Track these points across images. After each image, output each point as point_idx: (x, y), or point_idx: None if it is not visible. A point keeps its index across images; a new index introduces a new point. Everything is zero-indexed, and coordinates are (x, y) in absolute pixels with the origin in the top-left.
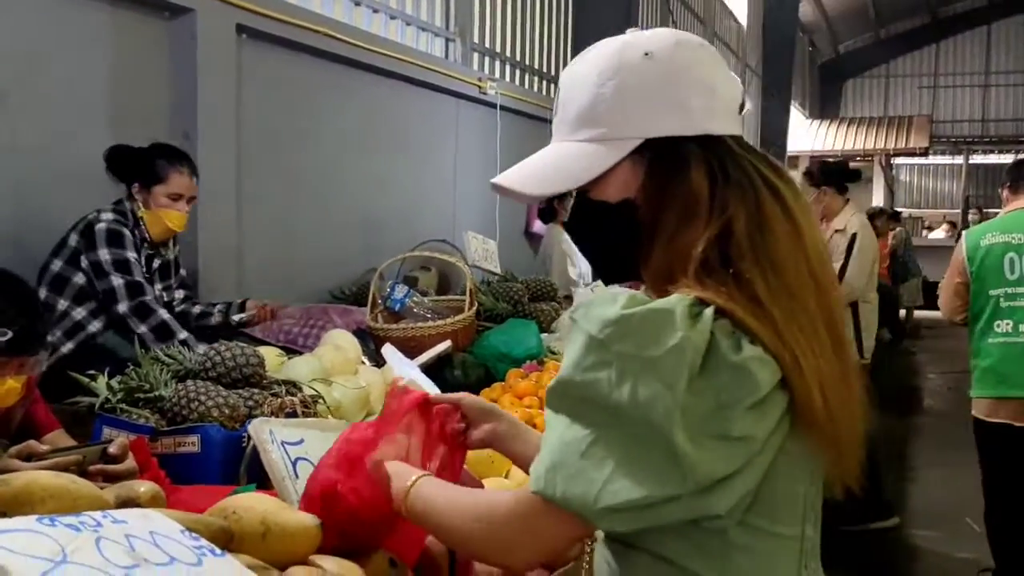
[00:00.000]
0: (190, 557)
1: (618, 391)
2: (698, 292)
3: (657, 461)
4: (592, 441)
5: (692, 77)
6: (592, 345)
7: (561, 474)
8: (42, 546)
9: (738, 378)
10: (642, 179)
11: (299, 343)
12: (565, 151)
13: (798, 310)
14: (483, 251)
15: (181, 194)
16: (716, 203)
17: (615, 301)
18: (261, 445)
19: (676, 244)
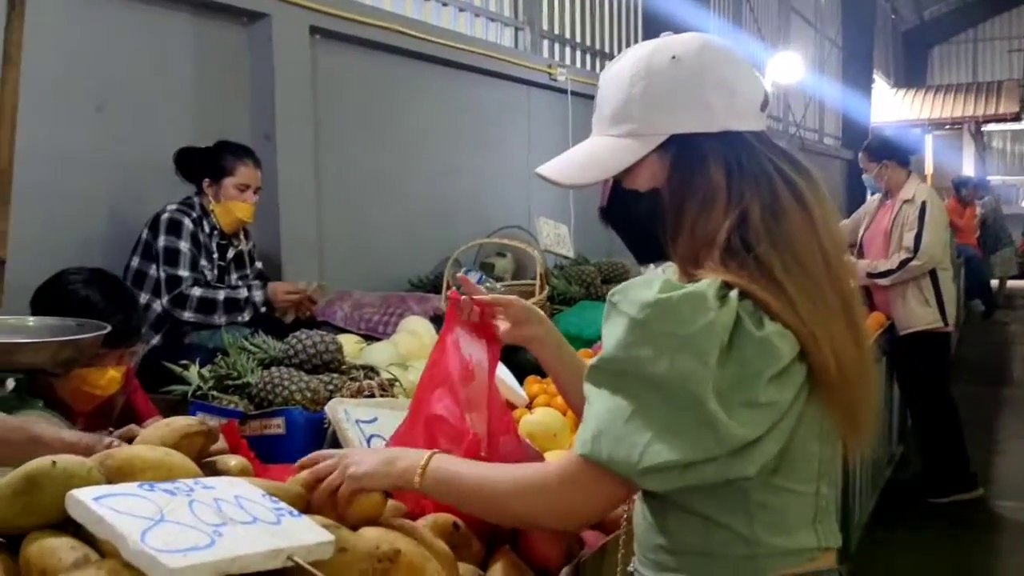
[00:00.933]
0: (271, 517)
1: (657, 365)
2: (723, 276)
3: (692, 427)
4: (634, 410)
5: (714, 79)
6: (633, 325)
7: (606, 439)
8: (143, 507)
9: (761, 350)
10: (667, 171)
11: (378, 330)
12: (600, 144)
13: (811, 286)
14: (555, 236)
15: (248, 184)
16: (733, 193)
17: (651, 286)
18: (337, 423)
19: (698, 230)
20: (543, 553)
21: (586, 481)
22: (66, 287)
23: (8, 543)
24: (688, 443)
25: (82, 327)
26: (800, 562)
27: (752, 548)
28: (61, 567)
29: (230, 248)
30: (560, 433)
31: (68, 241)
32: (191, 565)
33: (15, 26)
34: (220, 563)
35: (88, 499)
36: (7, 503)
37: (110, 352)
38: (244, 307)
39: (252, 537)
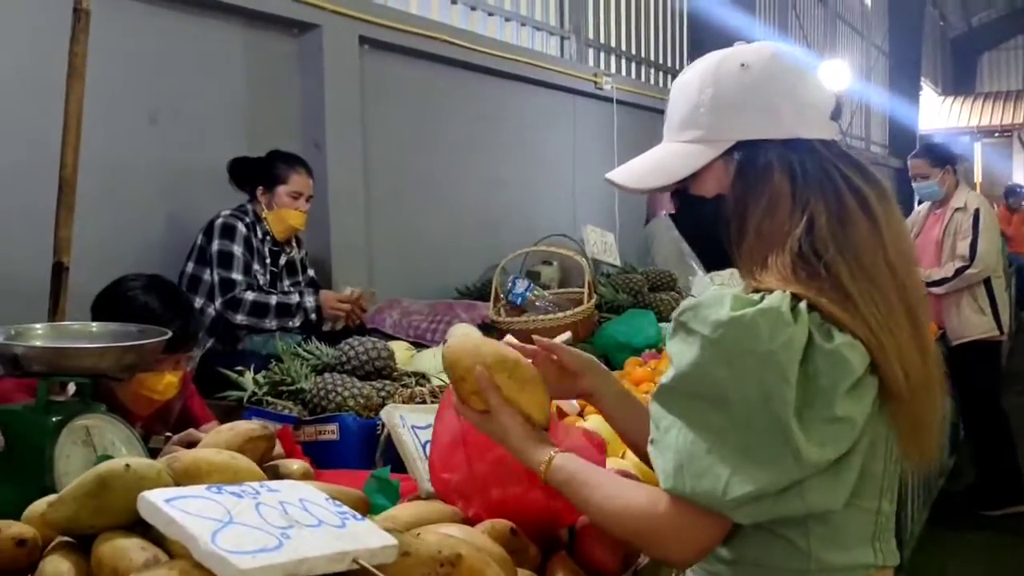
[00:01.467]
0: (335, 520)
1: (736, 386)
2: (792, 287)
3: (776, 450)
4: (714, 437)
5: (783, 86)
6: (707, 345)
7: (689, 471)
8: (212, 509)
9: (833, 363)
10: (732, 177)
11: (427, 337)
12: (669, 150)
13: (877, 294)
14: (602, 244)
15: (301, 192)
16: (798, 199)
17: (722, 303)
18: (393, 429)
19: (763, 235)
20: (600, 559)
21: (679, 514)
22: (126, 293)
23: (79, 543)
24: (773, 468)
25: (143, 333)
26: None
27: (808, 562)
28: (132, 567)
29: (282, 255)
30: (613, 441)
31: (126, 248)
32: (261, 566)
33: (80, 39)
34: (288, 564)
35: (159, 501)
36: (79, 504)
37: (168, 357)
38: (295, 312)
39: (318, 540)
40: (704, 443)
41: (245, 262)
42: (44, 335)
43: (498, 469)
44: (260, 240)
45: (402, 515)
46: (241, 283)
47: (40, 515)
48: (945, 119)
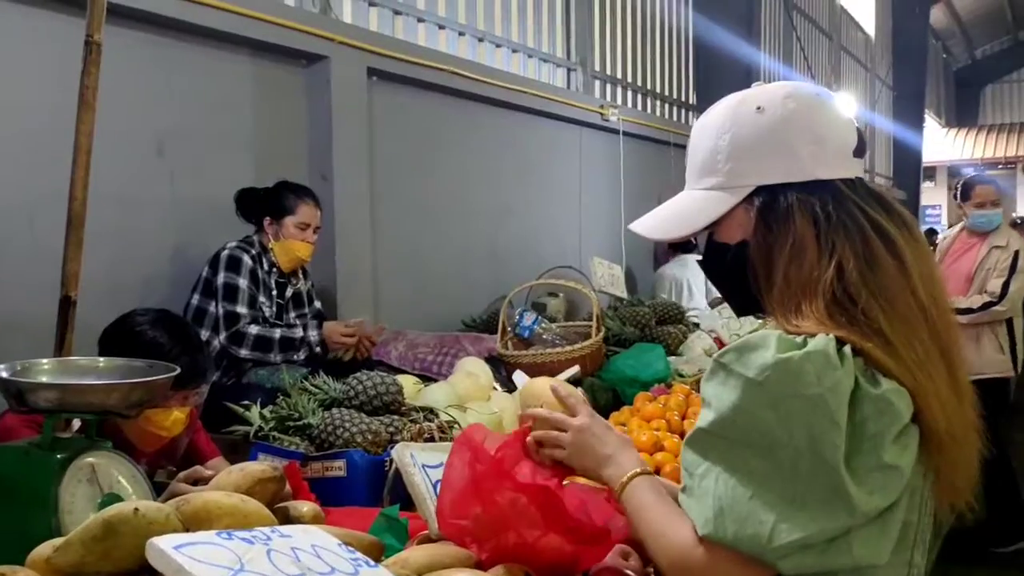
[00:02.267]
0: (348, 567)
1: (785, 431)
2: (834, 331)
3: (825, 496)
4: (758, 483)
5: (800, 127)
6: (751, 388)
7: (731, 517)
8: (222, 556)
9: (880, 409)
10: (754, 223)
11: (433, 370)
12: (689, 198)
13: (913, 338)
14: (609, 276)
15: (308, 223)
16: (823, 243)
17: (767, 345)
18: (404, 468)
19: (792, 281)
20: None
21: (719, 561)
22: (133, 328)
23: None
24: (822, 515)
25: (152, 369)
26: None
27: None
28: None
29: (288, 287)
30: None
31: (132, 280)
32: None
33: (91, 72)
34: None
35: (168, 547)
36: (86, 549)
37: (175, 393)
38: (300, 346)
39: None
40: (747, 488)
41: (250, 295)
42: (51, 371)
43: (513, 512)
44: (266, 272)
45: (415, 558)
46: (245, 316)
47: (45, 560)
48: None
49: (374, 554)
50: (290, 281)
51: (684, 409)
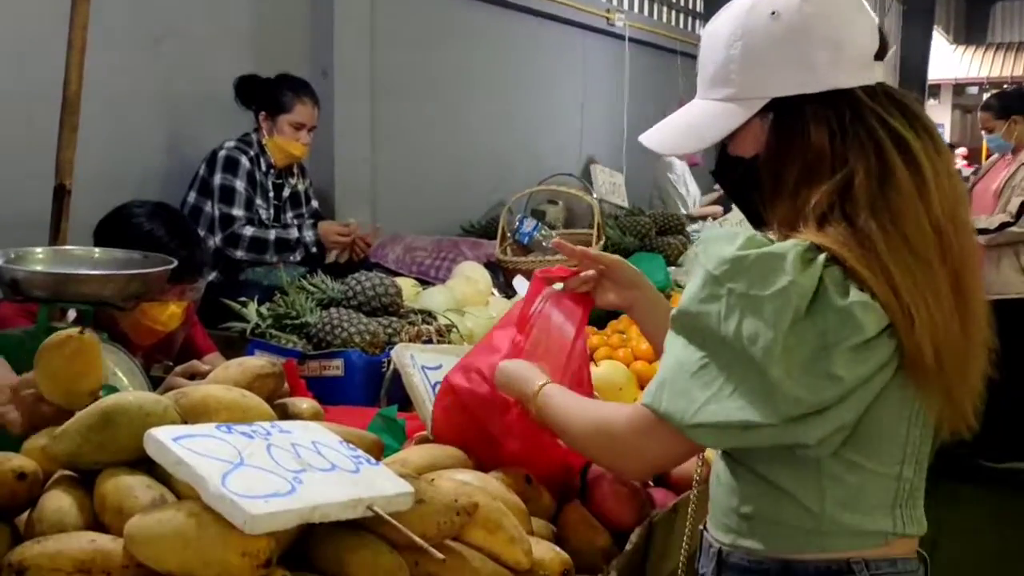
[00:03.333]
0: (349, 465)
1: (725, 324)
2: (815, 238)
3: (753, 391)
4: (701, 365)
5: (817, 34)
6: (708, 280)
7: (668, 391)
8: (221, 449)
9: (841, 321)
10: (769, 136)
11: (431, 275)
12: (700, 110)
13: (915, 263)
14: (610, 184)
15: (303, 123)
16: (837, 158)
17: (732, 241)
18: (403, 369)
19: (799, 197)
20: (612, 510)
21: (647, 429)
22: (130, 219)
23: (81, 478)
24: (746, 407)
25: (148, 260)
26: (872, 545)
27: (819, 523)
28: (138, 506)
29: (285, 187)
30: (625, 387)
31: (127, 175)
32: (273, 512)
33: None
34: (302, 511)
35: (167, 439)
36: (82, 438)
37: (172, 287)
38: (295, 247)
39: (332, 485)
40: (693, 367)
41: (247, 197)
42: (46, 260)
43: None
44: (264, 173)
45: (414, 459)
46: (241, 219)
47: (41, 448)
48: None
49: (374, 453)
50: (287, 181)
51: None
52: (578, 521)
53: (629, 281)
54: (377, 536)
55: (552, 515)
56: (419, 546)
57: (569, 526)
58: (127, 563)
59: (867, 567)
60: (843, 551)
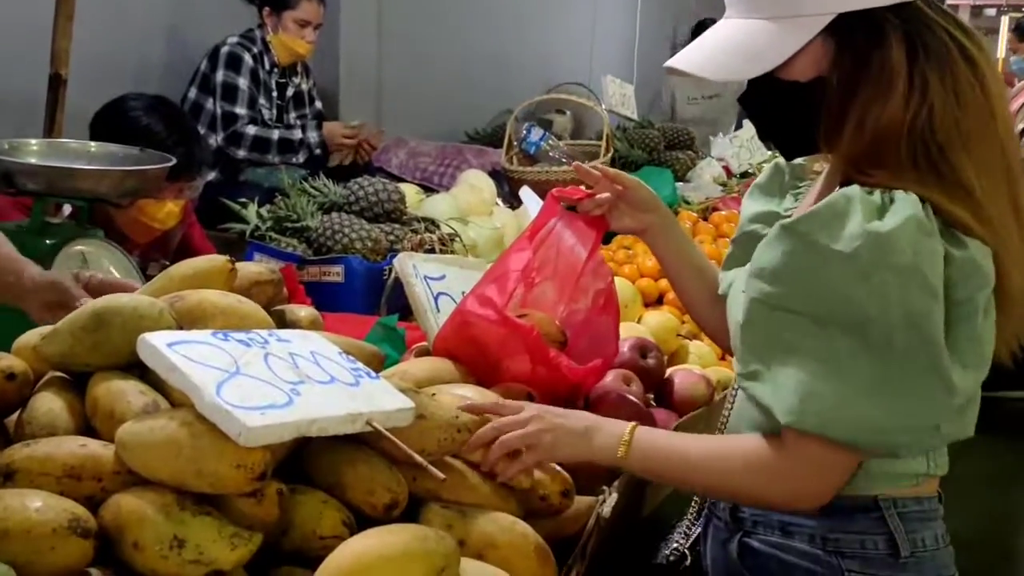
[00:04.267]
0: (348, 378)
1: (879, 305)
2: (915, 187)
3: (921, 375)
4: (848, 363)
5: None
6: (840, 261)
7: (817, 402)
8: (217, 357)
9: (968, 273)
10: (833, 55)
11: (434, 181)
12: (750, 30)
13: (994, 190)
14: (620, 96)
15: (309, 21)
16: (916, 79)
17: (852, 211)
18: (405, 278)
19: (870, 123)
20: None
21: (809, 452)
22: (127, 113)
23: (73, 380)
24: (915, 396)
25: (146, 156)
26: (904, 485)
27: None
28: (130, 411)
29: (289, 86)
30: (631, 305)
31: (125, 66)
32: (269, 425)
33: None
34: (299, 424)
35: (161, 344)
36: (75, 339)
37: (170, 184)
38: (299, 148)
39: (330, 398)
40: (834, 370)
41: (250, 95)
42: (40, 152)
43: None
44: (267, 72)
45: (414, 371)
46: (244, 117)
47: (32, 348)
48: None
49: (375, 365)
50: (291, 80)
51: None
52: None
53: (645, 204)
54: (375, 450)
55: None
56: (417, 463)
57: None
58: (118, 469)
59: (895, 505)
60: (873, 490)
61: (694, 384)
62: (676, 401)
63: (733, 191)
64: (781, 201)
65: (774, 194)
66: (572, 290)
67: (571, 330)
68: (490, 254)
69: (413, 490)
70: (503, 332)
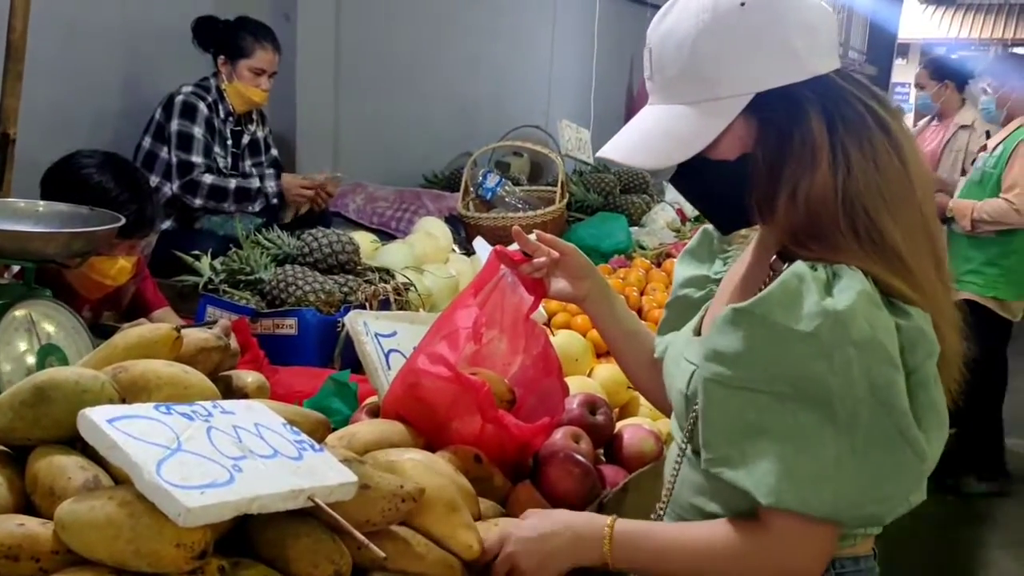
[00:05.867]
0: (291, 451)
1: (844, 380)
2: (855, 260)
3: (889, 444)
4: (816, 438)
5: (792, 19)
6: (800, 340)
7: (794, 481)
8: (158, 433)
9: (914, 340)
10: (756, 133)
11: (391, 226)
12: (673, 115)
13: (918, 251)
14: (576, 140)
15: (264, 69)
16: (837, 148)
17: (806, 291)
18: (356, 336)
19: (804, 195)
20: (564, 490)
21: (793, 529)
22: (79, 171)
23: (14, 453)
24: (886, 465)
25: (95, 216)
26: (844, 546)
27: None
28: (71, 488)
29: (244, 134)
30: (582, 358)
31: (78, 116)
32: (208, 504)
33: None
34: (240, 503)
35: (102, 421)
36: (15, 413)
37: (122, 242)
38: (255, 197)
39: (272, 474)
40: (804, 446)
41: (205, 144)
42: None
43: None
44: (222, 120)
45: (362, 434)
46: (200, 166)
47: None
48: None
49: (320, 433)
50: (246, 128)
51: (644, 285)
52: (527, 501)
53: (581, 271)
54: (319, 521)
55: (504, 496)
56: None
57: (518, 507)
58: (57, 549)
59: (833, 566)
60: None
61: (643, 439)
62: (625, 457)
63: (686, 236)
64: (711, 265)
65: (704, 259)
66: (519, 347)
67: (520, 387)
68: (445, 302)
69: (358, 560)
70: (455, 389)
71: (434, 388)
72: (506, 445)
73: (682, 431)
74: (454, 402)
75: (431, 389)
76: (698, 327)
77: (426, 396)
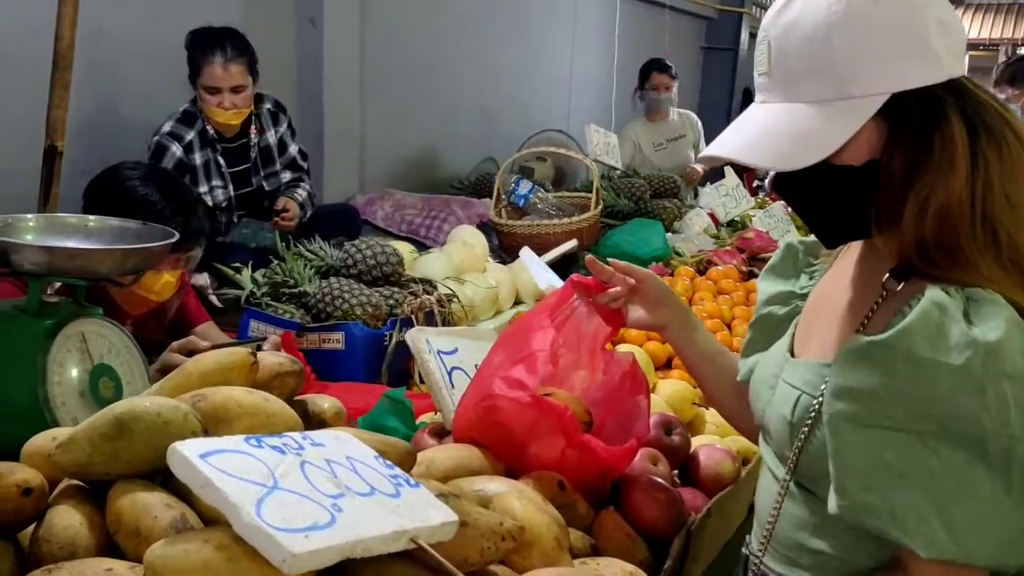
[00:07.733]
0: (388, 487)
1: (998, 416)
2: (988, 283)
3: None
4: (968, 480)
5: (929, 15)
6: (950, 373)
7: (954, 529)
8: (253, 469)
9: None
10: (887, 137)
11: (421, 234)
12: (797, 114)
13: None
14: (604, 144)
15: (218, 87)
16: (978, 159)
17: (950, 320)
18: (419, 355)
19: (937, 206)
20: (650, 516)
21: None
22: (124, 183)
23: (90, 488)
24: None
25: (147, 231)
26: None
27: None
28: (157, 527)
29: (252, 149)
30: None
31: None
32: (314, 550)
33: None
34: (343, 547)
35: (194, 456)
36: (94, 448)
37: (167, 256)
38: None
39: (373, 514)
40: (953, 491)
41: None
42: (37, 228)
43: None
44: (212, 149)
45: (440, 460)
46: None
47: (46, 457)
48: None
49: (409, 463)
50: (250, 141)
51: (691, 294)
52: (614, 530)
53: (658, 298)
54: (417, 560)
55: (588, 524)
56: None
57: (605, 535)
58: None
59: None
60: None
61: (719, 461)
62: (702, 479)
63: (727, 244)
64: (797, 280)
65: (789, 275)
66: (596, 370)
67: (596, 409)
68: (487, 311)
69: None
70: (535, 415)
71: (512, 413)
72: (589, 469)
73: (784, 463)
74: (534, 426)
75: (510, 413)
76: (790, 346)
77: (504, 420)
